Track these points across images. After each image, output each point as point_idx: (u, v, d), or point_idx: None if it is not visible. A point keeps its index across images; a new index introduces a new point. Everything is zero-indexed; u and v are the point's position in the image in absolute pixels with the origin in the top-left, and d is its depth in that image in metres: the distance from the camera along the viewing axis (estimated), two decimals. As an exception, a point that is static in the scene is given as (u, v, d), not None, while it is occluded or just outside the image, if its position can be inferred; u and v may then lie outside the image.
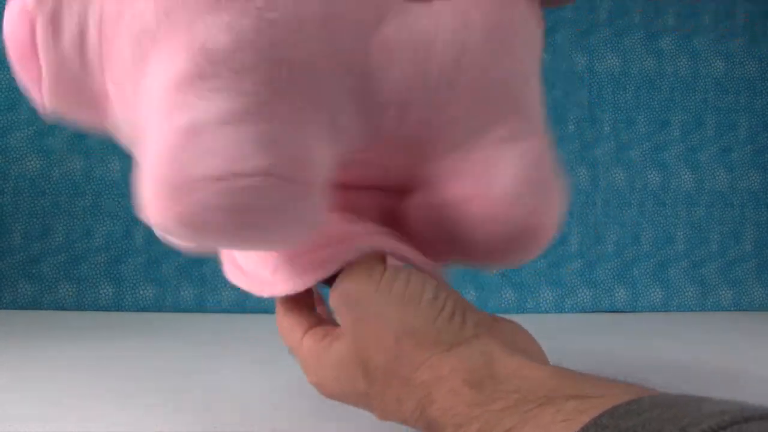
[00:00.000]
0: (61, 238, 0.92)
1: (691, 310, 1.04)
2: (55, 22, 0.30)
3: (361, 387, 0.31)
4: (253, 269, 0.37)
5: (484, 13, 0.33)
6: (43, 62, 0.31)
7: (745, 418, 0.18)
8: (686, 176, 1.08)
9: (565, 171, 1.15)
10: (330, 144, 0.32)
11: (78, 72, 0.31)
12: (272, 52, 0.28)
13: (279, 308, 0.38)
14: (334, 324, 0.36)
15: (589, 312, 1.02)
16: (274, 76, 0.28)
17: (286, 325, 0.36)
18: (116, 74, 0.30)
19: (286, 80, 0.29)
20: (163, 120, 0.27)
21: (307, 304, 0.37)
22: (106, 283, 0.92)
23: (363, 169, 0.37)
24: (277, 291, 0.35)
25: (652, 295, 1.04)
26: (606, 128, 1.07)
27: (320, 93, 0.31)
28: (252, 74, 0.28)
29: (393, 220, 0.38)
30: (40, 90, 0.32)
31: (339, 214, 0.36)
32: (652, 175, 1.07)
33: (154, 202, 0.27)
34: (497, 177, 0.34)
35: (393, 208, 0.39)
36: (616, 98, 1.07)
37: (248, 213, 0.27)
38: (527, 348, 0.31)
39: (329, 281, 0.35)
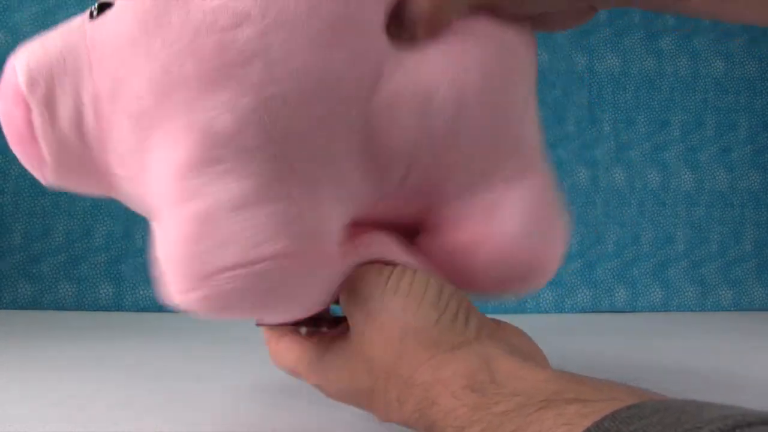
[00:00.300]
0: (61, 238, 0.92)
1: (691, 310, 1.04)
2: (49, 105, 0.30)
3: (365, 383, 0.30)
4: None
5: (479, 54, 0.33)
6: (42, 145, 0.31)
7: (748, 422, 0.18)
8: (686, 176, 1.08)
9: (565, 171, 1.15)
10: (341, 209, 0.32)
11: (79, 151, 0.31)
12: (275, 127, 0.28)
13: (270, 336, 0.38)
14: (330, 325, 0.36)
15: (589, 312, 1.02)
16: (280, 152, 0.28)
17: (282, 349, 0.36)
18: (119, 151, 0.30)
19: (292, 155, 0.29)
20: (174, 209, 0.28)
21: (296, 325, 0.37)
22: (106, 283, 0.92)
23: (372, 221, 0.37)
24: (273, 319, 0.35)
25: (652, 295, 1.04)
26: (606, 128, 1.07)
27: (327, 162, 0.30)
28: (258, 153, 0.27)
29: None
30: (43, 174, 0.33)
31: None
32: (652, 175, 1.07)
33: (176, 288, 0.28)
34: (502, 220, 0.34)
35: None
36: (616, 98, 1.07)
37: (268, 293, 0.27)
38: (530, 352, 0.31)
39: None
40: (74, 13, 0.35)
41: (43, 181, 0.34)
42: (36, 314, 0.86)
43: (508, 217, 0.34)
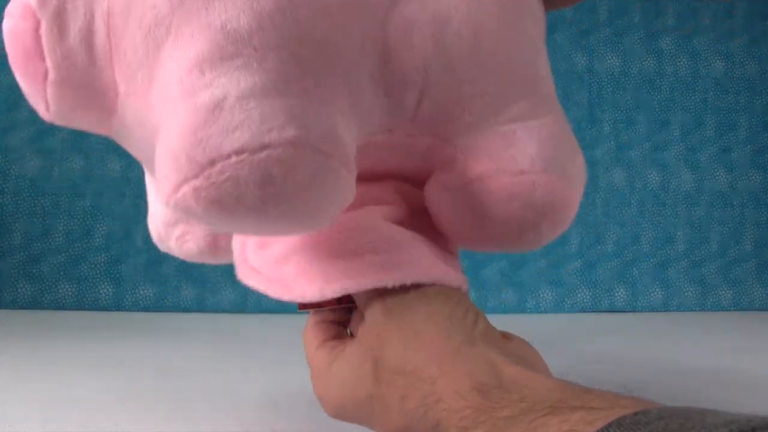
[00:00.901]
0: (61, 238, 0.92)
1: (691, 310, 1.04)
2: (60, 19, 0.29)
3: (367, 388, 0.31)
4: (271, 271, 0.35)
5: None
6: (48, 61, 0.30)
7: (752, 428, 0.18)
8: (686, 176, 1.08)
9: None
10: (355, 124, 0.31)
11: (85, 69, 0.30)
12: (294, 30, 0.27)
13: (310, 319, 0.38)
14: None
15: (589, 312, 1.02)
16: (297, 54, 0.28)
17: (307, 336, 0.36)
18: (127, 66, 0.29)
19: (308, 59, 0.28)
20: (183, 102, 0.26)
21: (337, 320, 0.37)
22: (106, 283, 0.92)
23: (386, 153, 0.36)
24: (297, 295, 0.33)
25: (652, 295, 1.04)
26: (606, 128, 1.07)
27: (343, 72, 0.30)
28: (275, 52, 0.27)
29: (415, 212, 0.38)
30: (44, 92, 0.32)
31: (368, 216, 0.35)
32: (652, 175, 1.07)
33: (171, 183, 0.25)
34: (516, 154, 0.34)
35: (415, 199, 0.38)
36: (616, 98, 1.07)
37: (279, 186, 0.25)
38: (534, 363, 0.32)
39: (347, 299, 0.34)
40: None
41: (42, 111, 0.33)
42: (36, 314, 0.86)
43: (522, 152, 0.34)
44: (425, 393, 0.28)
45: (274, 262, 0.35)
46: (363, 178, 0.36)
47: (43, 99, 0.32)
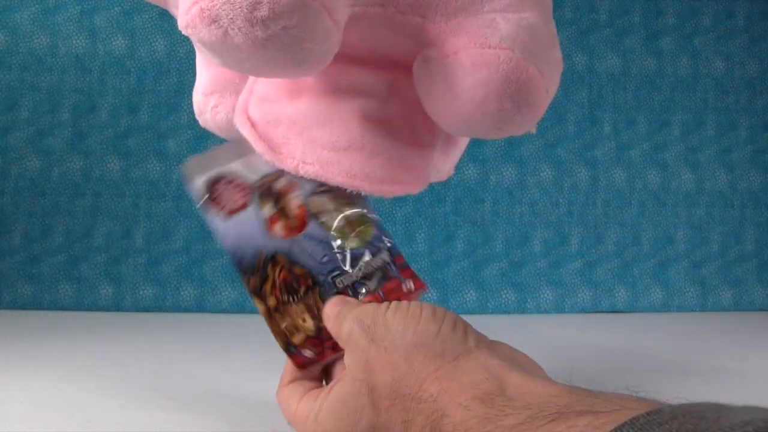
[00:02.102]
0: (60, 238, 0.92)
1: (692, 311, 1.04)
2: None
3: (367, 419, 0.30)
4: (262, 127, 0.41)
5: None
6: None
7: None
8: (686, 176, 1.08)
9: (565, 171, 1.15)
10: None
11: None
12: None
13: (280, 384, 0.38)
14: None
15: (589, 312, 1.02)
16: None
17: (283, 395, 0.36)
18: None
19: None
20: None
21: (310, 377, 0.37)
22: (105, 283, 0.92)
23: (381, 31, 0.39)
24: (278, 159, 0.40)
25: (652, 295, 1.04)
26: (606, 128, 1.07)
27: None
28: None
29: (398, 94, 0.42)
30: None
31: (353, 111, 0.40)
32: (652, 175, 1.07)
33: (190, 3, 0.31)
34: (489, 33, 0.37)
35: (398, 82, 0.42)
36: (616, 98, 1.07)
37: (264, 12, 0.30)
38: (527, 365, 0.31)
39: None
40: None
41: None
42: (36, 314, 0.86)
43: (496, 32, 0.37)
44: (428, 412, 0.28)
45: (268, 121, 0.41)
46: (362, 62, 0.41)
47: None
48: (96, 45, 0.96)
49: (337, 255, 0.38)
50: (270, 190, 0.40)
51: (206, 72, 0.50)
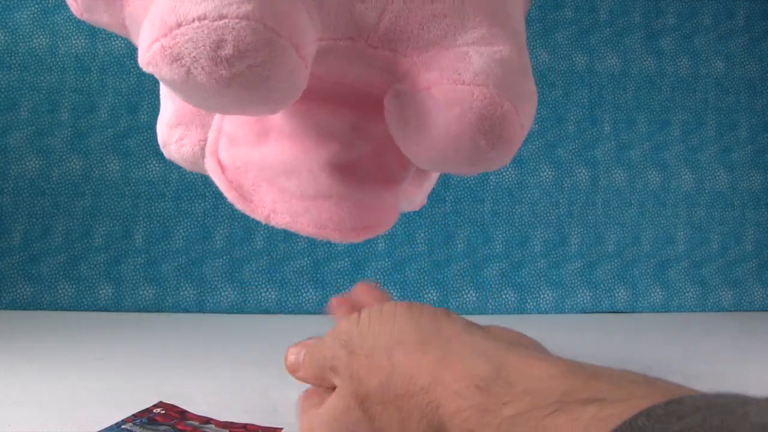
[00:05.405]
0: (60, 238, 0.92)
1: (692, 311, 1.04)
2: None
3: (364, 430, 0.29)
4: (232, 174, 0.40)
5: None
6: None
7: None
8: (686, 176, 1.08)
9: (565, 171, 1.15)
10: (318, 20, 0.34)
11: None
12: None
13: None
14: None
15: (589, 312, 1.02)
16: None
17: (301, 405, 0.36)
18: None
19: None
20: None
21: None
22: (105, 283, 0.92)
23: (351, 65, 0.39)
24: (249, 209, 0.39)
25: (652, 295, 1.04)
26: (606, 128, 1.07)
27: None
28: None
29: (366, 132, 0.41)
30: None
31: (319, 155, 0.39)
32: (652, 175, 1.07)
33: (146, 43, 0.30)
34: (462, 68, 0.36)
35: (366, 119, 0.41)
36: (616, 98, 1.07)
37: (229, 50, 0.29)
38: (523, 343, 0.31)
39: None
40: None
41: (74, 8, 0.37)
42: (36, 314, 0.86)
43: (472, 65, 0.36)
44: (422, 405, 0.27)
45: (237, 167, 0.40)
46: (328, 99, 0.40)
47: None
48: (96, 45, 0.96)
49: None
50: None
51: (171, 103, 0.49)
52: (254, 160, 0.40)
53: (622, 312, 1.03)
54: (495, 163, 0.37)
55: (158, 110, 0.49)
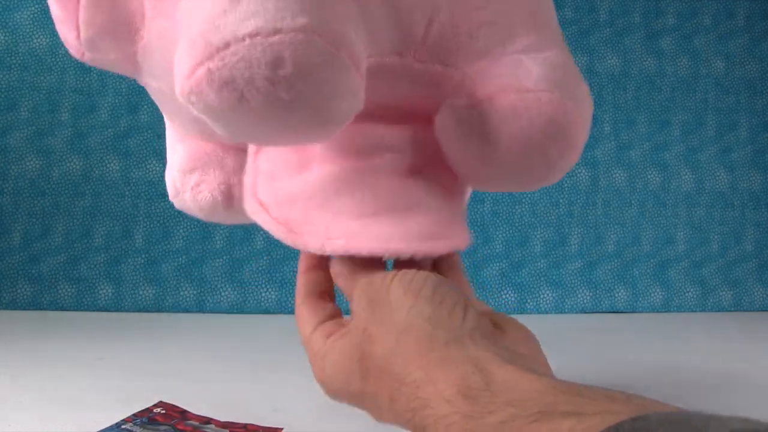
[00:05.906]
0: (60, 239, 0.92)
1: (692, 311, 1.04)
2: None
3: (356, 386, 0.31)
4: (277, 210, 0.36)
5: None
6: None
7: None
8: (686, 176, 1.08)
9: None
10: (365, 36, 0.31)
11: None
12: None
13: (297, 295, 0.38)
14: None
15: (589, 312, 1.02)
16: None
17: (301, 315, 0.36)
18: None
19: None
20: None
21: (326, 292, 0.37)
22: (105, 283, 0.92)
23: (401, 83, 0.36)
24: (300, 243, 0.34)
25: (652, 295, 1.04)
26: (606, 128, 1.07)
27: None
28: None
29: (420, 146, 0.38)
30: (76, 17, 0.33)
31: (381, 171, 0.36)
32: (652, 175, 1.07)
33: (194, 65, 0.26)
34: (522, 75, 0.34)
35: (417, 135, 0.38)
36: (616, 98, 1.07)
37: (289, 68, 0.26)
38: (529, 353, 0.31)
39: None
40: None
41: (73, 39, 0.34)
42: (36, 314, 0.86)
43: (531, 71, 0.34)
44: (409, 397, 0.28)
45: (281, 202, 0.36)
46: (382, 117, 0.37)
47: (74, 25, 0.33)
48: (96, 45, 0.96)
49: None
50: None
51: (181, 147, 0.45)
52: (300, 190, 0.36)
53: (622, 312, 1.03)
54: (560, 171, 0.36)
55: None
